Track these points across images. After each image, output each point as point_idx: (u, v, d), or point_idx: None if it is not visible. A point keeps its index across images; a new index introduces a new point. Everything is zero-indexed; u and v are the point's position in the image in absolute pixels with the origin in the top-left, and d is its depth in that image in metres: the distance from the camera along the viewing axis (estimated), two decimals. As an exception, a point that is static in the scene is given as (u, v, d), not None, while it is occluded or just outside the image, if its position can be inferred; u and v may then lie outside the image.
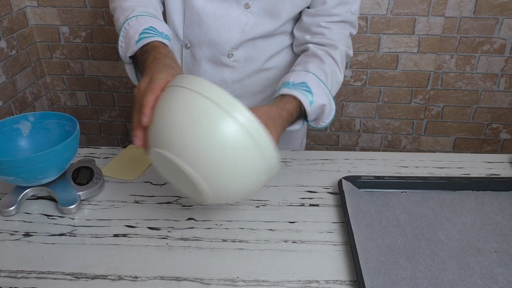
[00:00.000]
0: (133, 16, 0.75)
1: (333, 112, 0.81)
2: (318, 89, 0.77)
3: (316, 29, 0.86)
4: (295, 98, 0.73)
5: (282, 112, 0.70)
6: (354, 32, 0.90)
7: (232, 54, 0.88)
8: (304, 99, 0.74)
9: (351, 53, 0.89)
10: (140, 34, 0.72)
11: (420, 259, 0.63)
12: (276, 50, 0.92)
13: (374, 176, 0.79)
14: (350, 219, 0.68)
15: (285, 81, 0.77)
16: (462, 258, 0.63)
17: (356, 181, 0.78)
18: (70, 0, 1.64)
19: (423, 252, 0.64)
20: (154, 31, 0.72)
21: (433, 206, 0.74)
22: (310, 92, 0.75)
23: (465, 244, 0.66)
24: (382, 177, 0.79)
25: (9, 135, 0.80)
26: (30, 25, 1.68)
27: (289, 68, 0.96)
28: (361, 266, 0.59)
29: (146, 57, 0.69)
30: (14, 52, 1.56)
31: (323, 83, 0.78)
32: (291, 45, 0.94)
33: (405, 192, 0.77)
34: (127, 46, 0.74)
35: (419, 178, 0.79)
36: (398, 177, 0.79)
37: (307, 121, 0.81)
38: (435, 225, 0.70)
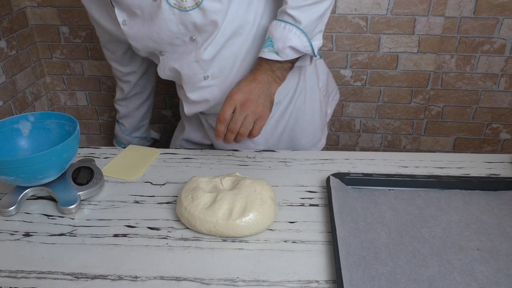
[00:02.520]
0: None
1: (305, 38, 0.83)
2: (280, 33, 0.83)
3: None
4: (262, 58, 0.85)
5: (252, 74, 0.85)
6: None
7: (207, 76, 0.92)
8: (269, 55, 0.84)
9: None
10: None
11: (401, 255, 0.63)
12: (247, 50, 0.92)
13: (362, 173, 0.79)
14: (335, 215, 0.68)
15: None
16: (443, 255, 0.63)
17: (344, 178, 0.78)
18: (70, 0, 1.64)
19: (405, 249, 0.64)
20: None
21: (420, 204, 0.74)
22: (271, 45, 0.83)
23: (447, 242, 0.66)
24: (370, 175, 0.79)
25: (9, 135, 0.80)
26: (30, 25, 1.67)
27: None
28: (341, 261, 0.59)
29: None
30: (14, 52, 1.56)
31: (285, 21, 0.83)
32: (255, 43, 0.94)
33: (393, 190, 0.77)
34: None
35: (407, 176, 0.79)
36: (386, 175, 0.79)
37: (314, 54, 0.87)
38: (419, 222, 0.70)
